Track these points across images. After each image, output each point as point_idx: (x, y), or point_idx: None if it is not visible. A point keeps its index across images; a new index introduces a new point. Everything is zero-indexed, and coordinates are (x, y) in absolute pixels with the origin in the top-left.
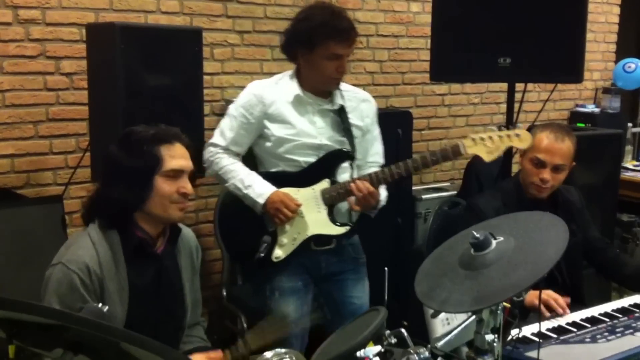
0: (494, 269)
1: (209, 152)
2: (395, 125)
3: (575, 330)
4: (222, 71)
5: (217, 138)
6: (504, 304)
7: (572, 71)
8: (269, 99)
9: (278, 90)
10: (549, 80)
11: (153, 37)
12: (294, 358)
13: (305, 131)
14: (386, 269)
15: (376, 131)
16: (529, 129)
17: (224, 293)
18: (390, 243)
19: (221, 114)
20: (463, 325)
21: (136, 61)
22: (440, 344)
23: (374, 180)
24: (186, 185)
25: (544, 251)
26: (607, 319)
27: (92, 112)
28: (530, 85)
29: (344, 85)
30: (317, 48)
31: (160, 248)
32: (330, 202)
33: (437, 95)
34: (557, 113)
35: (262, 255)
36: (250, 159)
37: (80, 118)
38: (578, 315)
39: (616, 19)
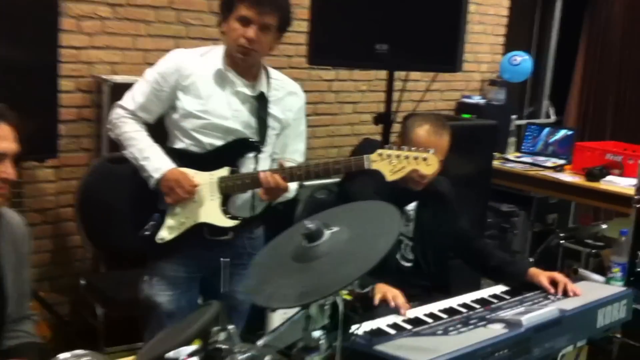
0: (324, 262)
1: (114, 114)
2: None
3: (431, 321)
4: (90, 45)
5: (126, 100)
6: (345, 296)
7: (450, 60)
8: (187, 70)
9: (201, 62)
10: (427, 68)
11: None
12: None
13: (217, 111)
14: (222, 259)
15: (300, 128)
16: (406, 118)
17: (82, 282)
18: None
19: (88, 90)
20: (290, 321)
21: None
22: (267, 339)
23: (282, 173)
24: (7, 170)
25: (374, 243)
26: (465, 310)
27: None
28: (417, 74)
29: (275, 73)
30: (232, 11)
31: None
32: (226, 191)
33: (324, 80)
34: (444, 103)
35: (147, 233)
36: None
37: None
38: (437, 307)
39: (506, 12)
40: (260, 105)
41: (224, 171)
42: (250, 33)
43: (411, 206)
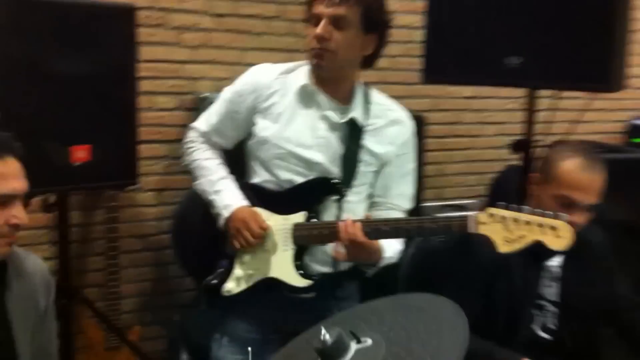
0: None
1: (187, 137)
2: None
3: None
4: (193, 59)
5: (200, 121)
6: None
7: (603, 77)
8: (267, 89)
9: (285, 80)
10: (572, 87)
11: (67, 15)
12: None
13: (298, 137)
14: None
15: (407, 166)
16: (552, 146)
17: (176, 319)
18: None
19: (192, 108)
20: None
21: (37, 43)
22: None
23: (366, 227)
24: (18, 214)
25: None
26: None
27: None
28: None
29: (377, 96)
30: (308, 13)
31: None
32: (300, 242)
33: (462, 98)
34: (609, 125)
35: (214, 282)
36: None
37: None
38: None
39: None
40: (351, 134)
41: (299, 216)
42: (318, 29)
43: (555, 261)
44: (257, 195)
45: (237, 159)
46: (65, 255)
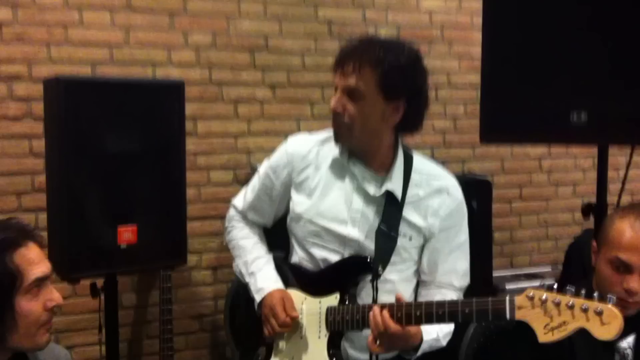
0: None
1: (228, 214)
2: (469, 196)
3: None
4: (248, 131)
5: (238, 198)
6: None
7: None
8: (302, 162)
9: (321, 150)
10: None
11: (116, 93)
12: None
13: (332, 211)
14: None
15: (456, 239)
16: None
17: None
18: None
19: (247, 181)
20: None
21: (89, 121)
22: None
23: (395, 312)
24: (53, 296)
25: None
26: None
27: (48, 182)
28: None
29: (421, 163)
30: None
31: None
32: (334, 327)
33: (531, 159)
34: None
35: None
36: None
37: None
38: None
39: None
40: (389, 207)
41: (333, 299)
42: (332, 102)
43: (627, 342)
44: (295, 275)
45: (284, 236)
46: (114, 341)
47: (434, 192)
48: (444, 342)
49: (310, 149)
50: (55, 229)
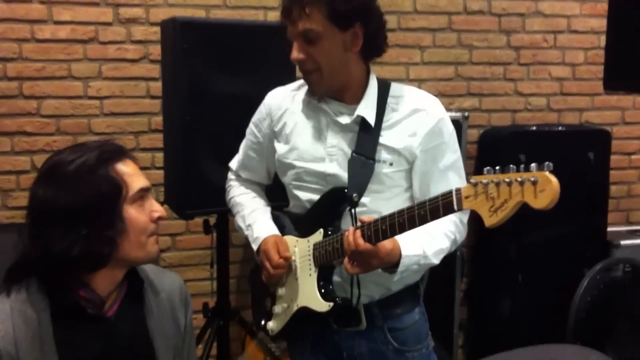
0: None
1: (227, 178)
2: (585, 147)
3: None
4: None
5: (232, 161)
6: None
7: None
8: (278, 111)
9: (297, 94)
10: None
11: (226, 35)
12: None
13: (309, 152)
14: None
15: (444, 160)
16: None
17: None
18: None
19: None
20: None
21: (203, 63)
22: None
23: (366, 230)
24: (155, 207)
25: None
26: None
27: (165, 123)
28: None
29: (397, 89)
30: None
31: (113, 308)
32: (321, 262)
33: None
34: None
35: (263, 323)
36: None
37: None
38: None
39: None
40: (364, 135)
41: (318, 235)
42: (292, 54)
43: None
44: (290, 221)
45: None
46: (224, 276)
47: (410, 112)
48: (435, 260)
49: (285, 95)
50: (171, 167)
